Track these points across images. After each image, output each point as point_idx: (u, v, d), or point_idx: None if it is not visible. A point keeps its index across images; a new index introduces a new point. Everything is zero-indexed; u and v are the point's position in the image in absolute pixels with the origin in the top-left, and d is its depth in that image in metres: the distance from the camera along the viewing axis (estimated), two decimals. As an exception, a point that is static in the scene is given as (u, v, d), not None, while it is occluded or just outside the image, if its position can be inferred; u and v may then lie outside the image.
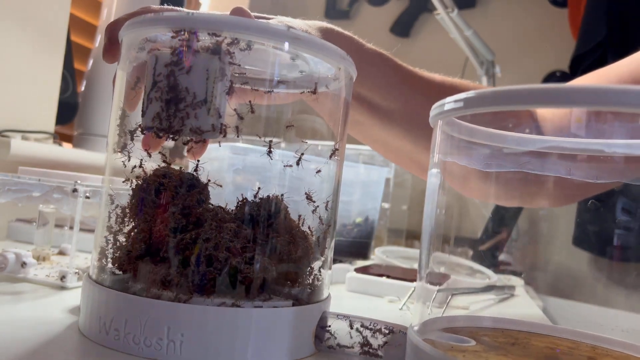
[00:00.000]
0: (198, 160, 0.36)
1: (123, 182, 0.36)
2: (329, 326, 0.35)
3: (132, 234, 0.35)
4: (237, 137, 0.34)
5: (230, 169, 0.38)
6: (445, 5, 1.26)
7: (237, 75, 0.35)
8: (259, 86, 0.37)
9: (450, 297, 0.59)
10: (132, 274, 0.34)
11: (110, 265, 0.35)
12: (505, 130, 0.34)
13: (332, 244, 0.39)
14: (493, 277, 0.81)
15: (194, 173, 0.36)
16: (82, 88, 1.11)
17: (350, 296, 0.61)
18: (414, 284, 0.60)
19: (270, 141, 0.35)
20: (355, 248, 0.92)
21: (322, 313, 0.35)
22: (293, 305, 0.33)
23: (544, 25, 1.75)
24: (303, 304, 0.34)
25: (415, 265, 0.81)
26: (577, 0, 1.48)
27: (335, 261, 0.71)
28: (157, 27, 0.33)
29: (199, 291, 0.31)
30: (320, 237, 0.37)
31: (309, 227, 0.37)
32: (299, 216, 0.37)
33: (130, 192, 0.35)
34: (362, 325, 0.34)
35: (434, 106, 0.30)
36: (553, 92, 0.23)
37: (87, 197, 0.48)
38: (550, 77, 1.68)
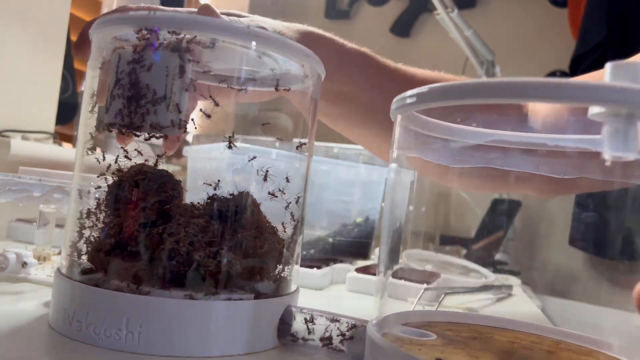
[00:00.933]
0: (159, 155, 0.37)
1: (97, 177, 0.36)
2: (292, 320, 0.35)
3: (100, 228, 0.35)
4: (195, 127, 0.36)
5: (229, 168, 0.39)
6: (445, 5, 1.26)
7: (201, 72, 0.36)
8: (227, 84, 0.38)
9: (443, 296, 0.59)
10: (98, 268, 0.34)
11: (78, 259, 0.36)
12: (491, 123, 0.34)
13: (301, 239, 0.40)
14: (490, 277, 0.81)
15: (167, 170, 0.37)
16: (82, 88, 1.11)
17: (350, 296, 0.61)
18: (423, 285, 0.60)
19: (230, 136, 0.36)
20: (355, 248, 0.92)
21: (286, 307, 0.36)
22: (255, 298, 0.34)
23: (544, 25, 1.75)
24: (268, 297, 0.35)
25: (427, 267, 0.81)
26: (577, 0, 1.48)
27: (335, 261, 0.71)
28: (121, 25, 0.35)
29: (160, 284, 0.32)
30: (290, 232, 0.38)
31: (282, 223, 0.38)
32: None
33: (106, 188, 0.36)
34: (325, 319, 0.35)
35: (394, 100, 0.29)
36: (496, 86, 0.23)
37: (87, 197, 0.48)
38: (550, 77, 1.68)
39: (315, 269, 0.63)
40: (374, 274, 0.65)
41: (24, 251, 0.48)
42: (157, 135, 0.34)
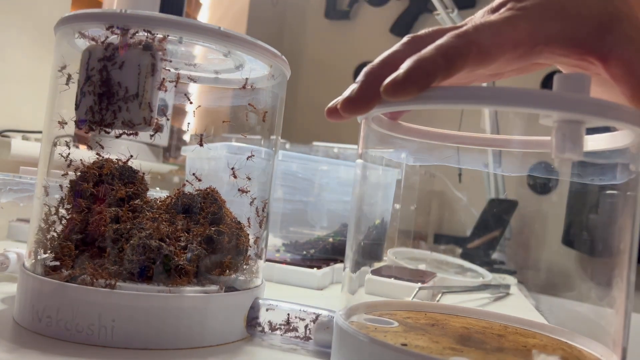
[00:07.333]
0: (131, 155, 0.38)
1: (63, 175, 0.37)
2: (261, 311, 0.36)
3: (67, 223, 0.36)
4: (161, 131, 0.36)
5: (226, 168, 0.39)
6: (445, 5, 1.26)
7: (168, 70, 0.38)
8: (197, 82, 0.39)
9: (440, 295, 0.59)
10: (65, 263, 0.35)
11: (44, 254, 0.36)
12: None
13: (266, 235, 0.41)
14: (487, 276, 0.81)
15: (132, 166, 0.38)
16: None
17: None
18: (417, 284, 0.61)
19: (202, 135, 0.38)
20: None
21: (254, 299, 0.37)
22: (225, 291, 0.35)
23: (543, 25, 1.75)
24: (237, 290, 0.36)
25: (420, 266, 0.81)
26: (577, 0, 1.48)
27: (335, 261, 0.71)
28: (91, 22, 0.35)
29: (130, 278, 0.33)
30: (255, 227, 0.40)
31: (248, 219, 0.39)
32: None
33: (68, 184, 0.37)
34: (292, 311, 0.36)
35: None
36: (462, 92, 0.25)
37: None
38: (550, 77, 1.68)
39: (315, 269, 0.63)
40: (385, 276, 0.65)
41: (25, 251, 0.48)
42: (128, 132, 0.35)
